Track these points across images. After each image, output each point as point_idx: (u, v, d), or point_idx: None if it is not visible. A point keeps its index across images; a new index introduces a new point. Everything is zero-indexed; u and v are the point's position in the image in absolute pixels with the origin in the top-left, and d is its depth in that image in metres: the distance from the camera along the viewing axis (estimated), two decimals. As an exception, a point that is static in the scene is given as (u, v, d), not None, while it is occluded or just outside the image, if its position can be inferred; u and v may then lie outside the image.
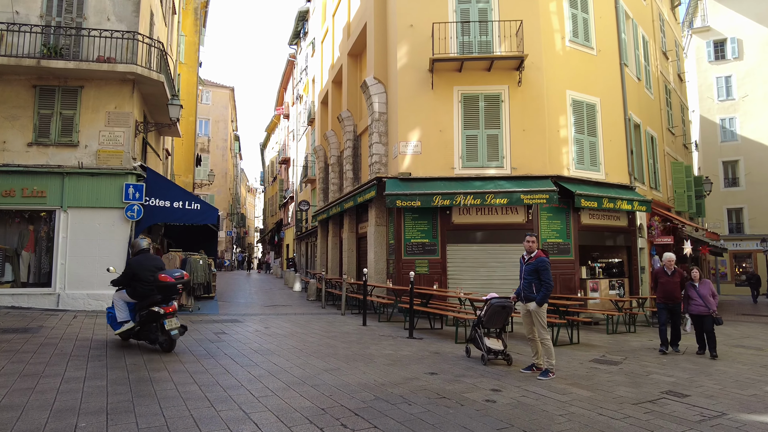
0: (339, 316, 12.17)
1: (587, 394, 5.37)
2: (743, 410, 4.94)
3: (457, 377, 5.94)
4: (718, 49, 32.60)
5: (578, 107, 13.68)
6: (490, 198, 11.99)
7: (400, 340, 8.73)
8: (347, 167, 17.19)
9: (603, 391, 5.54)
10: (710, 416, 4.69)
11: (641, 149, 16.47)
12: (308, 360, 6.69)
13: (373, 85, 14.19)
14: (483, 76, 13.06)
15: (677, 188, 20.04)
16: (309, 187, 26.16)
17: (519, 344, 8.48)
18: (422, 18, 13.26)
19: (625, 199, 13.46)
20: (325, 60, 21.59)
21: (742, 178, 31.80)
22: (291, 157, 32.97)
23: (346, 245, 17.06)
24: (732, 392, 5.71)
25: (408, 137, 13.06)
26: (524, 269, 6.41)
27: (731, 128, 32.22)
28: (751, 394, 5.63)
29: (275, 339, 8.40)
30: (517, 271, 12.49)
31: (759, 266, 30.89)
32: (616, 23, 15.23)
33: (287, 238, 35.39)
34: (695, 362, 7.63)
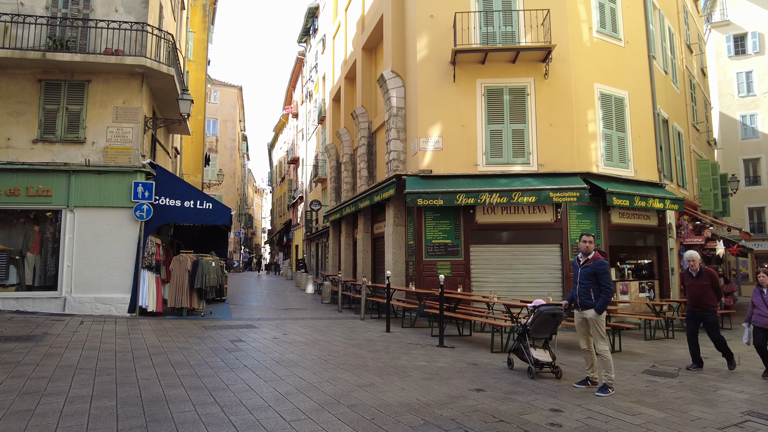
0: (359, 321, 11.56)
1: (660, 416, 4.72)
2: None
3: (508, 394, 5.31)
4: (738, 43, 31.73)
5: (606, 101, 13.01)
6: (518, 196, 11.34)
7: (431, 348, 8.10)
8: (362, 165, 16.59)
9: (676, 411, 4.89)
10: None
11: (669, 145, 15.76)
12: (337, 373, 6.08)
13: (390, 78, 13.58)
14: (507, 69, 12.43)
15: (703, 186, 19.29)
16: (319, 187, 25.59)
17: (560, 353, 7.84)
18: (443, 8, 12.64)
19: (657, 198, 12.79)
20: (337, 56, 21.01)
21: (763, 176, 30.92)
22: (300, 157, 32.42)
23: (361, 246, 16.47)
24: (819, 412, 5.04)
25: (428, 133, 12.44)
26: (580, 273, 5.76)
27: (752, 125, 31.34)
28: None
29: (296, 347, 7.80)
30: (546, 274, 12.28)
31: (781, 267, 29.99)
32: (644, 14, 14.54)
33: (296, 239, 34.84)
34: (758, 376, 6.95)
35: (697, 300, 7.27)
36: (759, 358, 6.91)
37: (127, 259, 10.74)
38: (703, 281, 7.25)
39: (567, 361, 7.20)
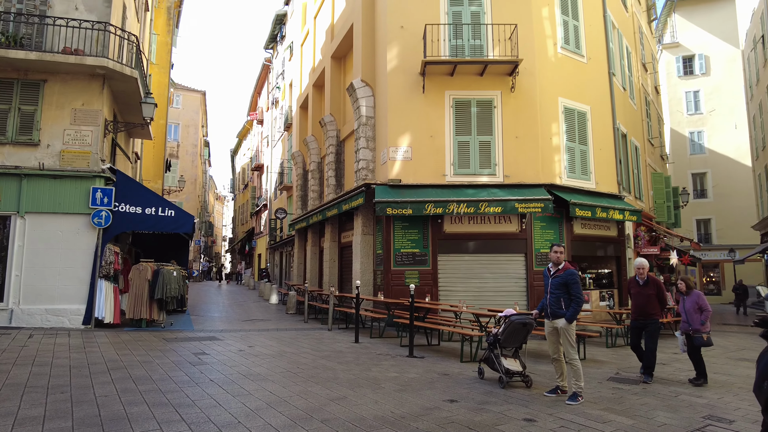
0: (326, 331, 11.38)
1: (629, 422, 4.82)
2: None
3: (481, 405, 5.31)
4: (686, 64, 33.53)
5: (570, 115, 13.42)
6: (484, 206, 11.50)
7: (401, 359, 8.04)
8: (329, 174, 16.46)
9: (643, 418, 5.01)
10: None
11: (627, 159, 16.39)
12: (307, 386, 5.93)
13: (360, 88, 13.58)
14: (475, 81, 12.64)
15: (657, 199, 20.14)
16: (285, 195, 25.25)
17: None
18: (413, 19, 12.77)
19: (617, 209, 13.23)
20: (306, 63, 20.89)
21: (710, 190, 32.62)
22: (265, 164, 31.94)
23: (328, 255, 16.30)
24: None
25: (398, 142, 12.49)
26: (551, 283, 5.85)
27: (699, 141, 33.08)
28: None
29: (264, 360, 7.58)
30: (512, 283, 12.47)
31: (726, 276, 31.66)
32: (605, 32, 15.14)
33: (259, 248, 34.21)
34: (716, 381, 7.23)
35: (642, 309, 7.08)
36: (714, 365, 7.20)
37: (82, 268, 10.22)
38: (649, 290, 7.07)
39: (536, 370, 7.29)
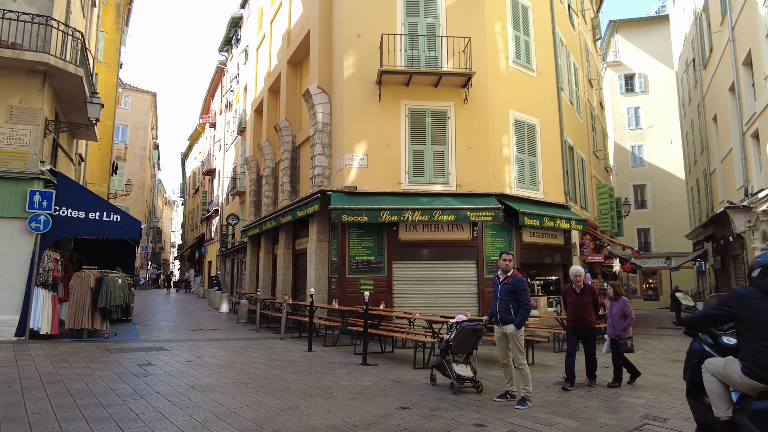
0: (278, 340, 11.19)
1: (574, 424, 5.02)
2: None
3: (433, 411, 5.37)
4: (628, 82, 35.44)
5: (520, 127, 13.88)
6: (438, 214, 11.70)
7: (354, 367, 8.02)
8: (284, 179, 16.28)
9: (587, 419, 5.22)
10: None
11: (574, 170, 17.11)
12: (258, 397, 5.81)
13: (316, 94, 13.55)
14: (430, 92, 12.87)
15: (601, 209, 21.11)
16: (237, 200, 24.73)
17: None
18: (370, 28, 12.88)
19: (564, 218, 13.76)
20: (261, 67, 20.62)
21: (649, 201, 34.49)
22: (217, 168, 31.19)
23: (282, 263, 16.08)
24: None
25: (354, 150, 12.52)
26: (500, 289, 6.01)
27: (640, 155, 34.97)
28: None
29: (213, 371, 7.37)
30: (464, 289, 12.71)
31: (663, 282, 33.52)
32: (554, 49, 15.80)
33: (209, 255, 33.28)
34: (653, 382, 7.63)
35: (580, 317, 7.05)
36: (651, 366, 7.59)
37: (17, 276, 9.60)
38: (586, 297, 7.07)
39: (486, 375, 7.45)
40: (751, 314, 3.21)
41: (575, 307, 7.12)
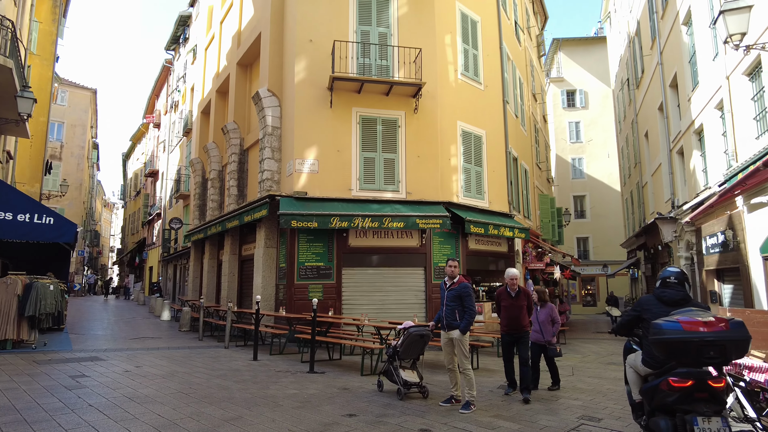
0: (222, 349, 10.89)
1: (515, 427, 5.20)
2: None
3: (379, 418, 5.41)
4: (569, 97, 37.20)
5: (467, 138, 14.27)
6: (388, 221, 11.81)
7: (301, 375, 7.94)
8: (231, 183, 15.91)
9: (528, 422, 5.43)
10: None
11: (518, 181, 17.76)
12: (200, 407, 5.64)
13: (266, 97, 13.36)
14: (381, 100, 13.00)
15: (543, 218, 21.99)
16: (181, 204, 23.90)
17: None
18: (322, 34, 12.88)
19: (508, 227, 14.24)
20: (209, 68, 20.11)
21: (588, 211, 36.23)
22: (160, 170, 30.04)
23: (227, 269, 15.67)
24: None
25: (304, 155, 12.43)
26: (446, 295, 6.15)
27: (580, 167, 36.71)
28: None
29: (152, 381, 7.07)
30: (412, 295, 12.86)
31: (600, 289, 35.27)
32: (501, 63, 16.38)
33: (151, 260, 31.92)
34: (590, 384, 8.01)
35: (515, 321, 6.86)
36: (588, 369, 7.95)
37: (-69, 283, 8.84)
38: (521, 301, 6.90)
39: (432, 381, 7.58)
40: (647, 316, 4.04)
41: (510, 311, 6.89)
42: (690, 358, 3.47)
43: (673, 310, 3.83)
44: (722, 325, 3.42)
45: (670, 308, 3.95)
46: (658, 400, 3.66)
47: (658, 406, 3.68)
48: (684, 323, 3.50)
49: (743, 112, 9.51)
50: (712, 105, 11.23)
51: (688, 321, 3.51)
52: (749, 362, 5.63)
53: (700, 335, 3.41)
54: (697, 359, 3.45)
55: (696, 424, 3.36)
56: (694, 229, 13.07)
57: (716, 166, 11.16)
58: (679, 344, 3.46)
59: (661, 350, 3.59)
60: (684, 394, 3.50)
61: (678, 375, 3.54)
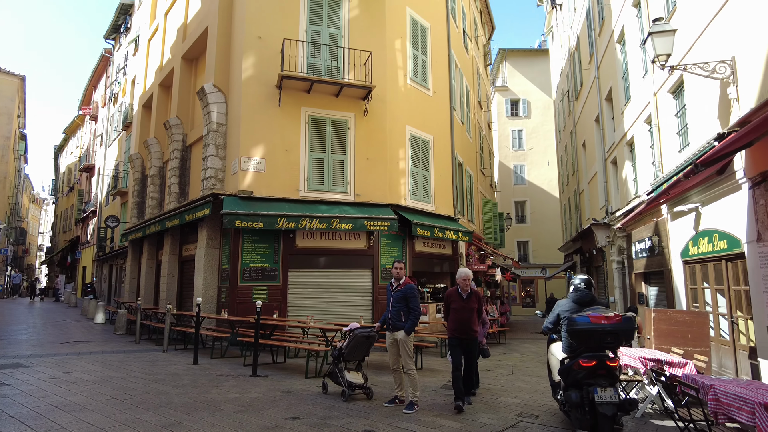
0: (161, 353, 10.47)
1: (457, 425, 5.34)
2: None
3: (323, 420, 5.40)
4: (513, 106, 38.59)
5: (415, 142, 14.50)
6: (336, 223, 11.79)
7: (243, 379, 7.77)
8: (172, 180, 15.33)
9: (469, 420, 5.59)
10: (565, 437, 5.03)
11: (463, 185, 18.22)
12: (135, 414, 5.41)
13: (212, 93, 13.00)
14: (331, 101, 12.97)
15: (486, 222, 22.68)
16: (119, 201, 22.76)
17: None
18: (272, 32, 12.69)
19: (452, 230, 14.59)
20: (152, 60, 19.30)
21: (528, 216, 37.67)
22: (96, 165, 28.46)
23: (166, 269, 15.06)
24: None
25: (251, 153, 12.18)
26: (392, 297, 6.23)
27: (521, 174, 38.13)
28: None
29: (83, 388, 6.71)
30: (359, 297, 12.89)
31: (539, 291, 36.76)
32: (449, 70, 16.76)
33: (85, 260, 30.17)
34: (528, 383, 8.34)
35: (466, 325, 6.29)
36: (527, 368, 8.29)
37: None
38: (472, 303, 6.38)
39: (376, 382, 7.64)
40: (564, 314, 5.29)
41: (461, 313, 6.34)
42: (594, 344, 4.68)
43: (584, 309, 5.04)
44: (618, 319, 4.64)
45: (581, 307, 5.18)
46: (571, 378, 4.76)
47: (571, 382, 4.77)
48: (591, 317, 4.70)
49: (668, 127, 10.25)
50: (641, 119, 12.02)
51: (594, 316, 4.71)
52: (669, 358, 6.07)
53: (602, 326, 4.61)
54: (599, 344, 4.68)
55: (596, 393, 4.49)
56: (625, 234, 13.92)
57: (645, 176, 11.95)
58: (587, 333, 4.66)
59: (575, 338, 4.77)
60: (589, 371, 4.63)
61: (585, 357, 4.66)
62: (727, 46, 7.39)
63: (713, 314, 8.41)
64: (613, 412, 4.40)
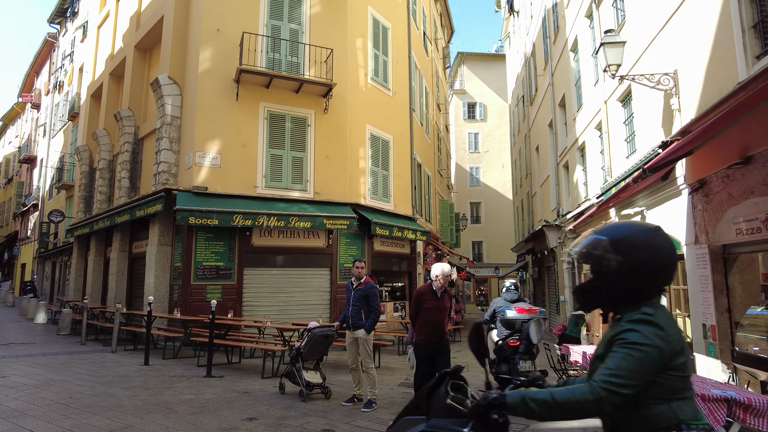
0: (109, 354, 10.04)
1: (413, 423, 5.40)
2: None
3: (281, 420, 5.34)
4: (470, 110, 39.33)
5: (375, 142, 14.55)
6: (294, 221, 11.67)
7: (198, 380, 7.57)
8: (123, 174, 14.74)
9: (425, 418, 5.67)
10: (519, 429, 5.20)
11: (421, 186, 18.43)
12: (82, 419, 5.18)
13: (166, 84, 12.58)
14: (291, 97, 12.82)
15: (443, 222, 23.05)
16: (64, 195, 21.64)
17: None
18: (231, 24, 12.41)
19: (411, 229, 14.74)
20: (103, 48, 18.45)
21: (483, 216, 38.54)
22: (39, 156, 26.92)
23: (115, 267, 14.46)
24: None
25: (206, 147, 11.87)
26: (353, 296, 6.23)
27: (477, 176, 38.95)
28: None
29: (22, 393, 6.35)
30: (317, 296, 12.80)
31: (492, 289, 37.69)
32: (409, 71, 16.91)
33: (24, 256, 28.49)
34: (480, 378, 8.54)
35: (439, 327, 5.55)
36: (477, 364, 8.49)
37: None
38: (445, 303, 5.73)
39: (335, 381, 7.62)
40: (498, 309, 7.10)
41: (435, 314, 5.54)
42: (516, 329, 6.61)
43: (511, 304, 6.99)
44: (534, 311, 6.72)
45: (510, 303, 7.05)
46: (502, 355, 6.48)
47: (502, 358, 6.48)
48: (517, 309, 6.69)
49: (617, 133, 10.75)
50: (592, 126, 12.54)
51: (519, 308, 6.72)
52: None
53: (523, 316, 6.61)
54: (521, 330, 6.48)
55: (519, 364, 6.07)
56: (575, 236, 14.49)
57: (595, 180, 12.47)
58: (513, 321, 6.69)
59: (505, 325, 6.78)
60: (514, 350, 6.31)
61: (512, 339, 6.49)
62: (670, 60, 7.83)
63: (655, 312, 8.88)
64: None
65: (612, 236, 1.72)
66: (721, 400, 3.49)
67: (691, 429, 1.56)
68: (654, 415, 1.58)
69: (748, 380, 5.84)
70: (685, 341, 1.65)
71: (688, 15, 7.27)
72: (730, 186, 6.30)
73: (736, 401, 3.48)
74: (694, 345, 7.16)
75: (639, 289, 1.68)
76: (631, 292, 1.68)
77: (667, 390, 1.58)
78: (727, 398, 3.50)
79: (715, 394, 3.53)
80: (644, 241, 1.69)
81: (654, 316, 1.61)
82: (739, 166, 6.01)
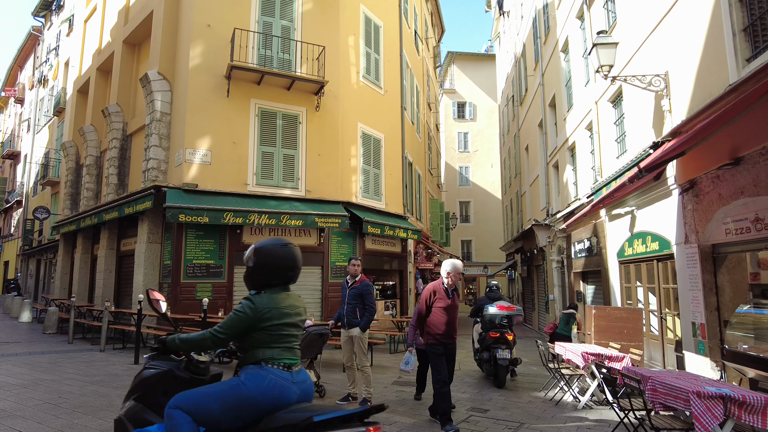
0: (98, 353, 9.90)
1: (410, 421, 5.41)
2: (533, 420, 5.68)
3: (276, 418, 5.30)
4: (460, 109, 39.44)
5: (367, 140, 14.52)
6: (286, 219, 11.60)
7: (189, 378, 7.49)
8: (111, 171, 14.53)
9: (421, 416, 5.68)
10: (514, 427, 5.23)
11: (412, 185, 18.45)
12: (73, 419, 5.09)
13: (156, 80, 12.42)
14: (282, 95, 12.74)
15: (433, 221, 23.11)
16: (49, 191, 21.28)
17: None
18: (222, 20, 12.29)
19: (402, 228, 14.75)
20: (90, 42, 18.17)
21: (472, 216, 38.70)
22: (23, 152, 26.45)
23: (103, 265, 14.26)
24: (515, 402, 6.55)
25: (196, 144, 11.75)
26: (348, 294, 6.21)
27: (466, 175, 39.09)
28: (527, 401, 6.56)
29: (10, 393, 6.23)
30: (308, 294, 12.73)
31: (481, 288, 37.88)
32: (400, 70, 16.90)
33: (7, 254, 27.98)
34: (476, 378, 8.59)
35: (452, 327, 5.37)
36: (473, 363, 8.58)
37: None
38: (456, 301, 5.52)
39: (329, 379, 7.61)
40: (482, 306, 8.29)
41: (450, 314, 5.36)
42: (497, 323, 7.87)
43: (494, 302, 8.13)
44: (513, 308, 8.00)
45: (493, 301, 8.23)
46: (485, 344, 7.83)
47: (484, 347, 7.87)
48: (498, 306, 7.96)
49: (608, 134, 10.86)
50: (583, 126, 12.66)
51: (500, 306, 7.98)
52: (609, 353, 6.45)
53: (502, 313, 7.87)
54: (500, 324, 7.85)
55: (498, 353, 7.49)
56: (565, 235, 14.61)
57: (585, 179, 12.59)
58: (494, 316, 7.89)
59: (487, 320, 7.94)
60: (495, 340, 7.67)
61: (493, 331, 7.73)
62: (661, 61, 7.93)
63: (645, 311, 9.01)
64: (506, 364, 7.51)
65: (255, 246, 2.70)
66: (716, 397, 3.54)
67: (268, 365, 2.50)
68: (250, 355, 2.54)
69: (738, 378, 5.94)
70: (281, 313, 2.56)
71: (679, 17, 7.36)
72: (719, 186, 6.40)
73: (731, 398, 3.53)
74: (684, 343, 7.27)
75: (267, 279, 2.66)
76: (262, 280, 2.66)
77: (255, 341, 2.52)
78: (722, 395, 3.55)
79: (710, 391, 3.59)
80: (270, 250, 2.66)
81: (254, 297, 2.55)
82: (729, 167, 6.11)
